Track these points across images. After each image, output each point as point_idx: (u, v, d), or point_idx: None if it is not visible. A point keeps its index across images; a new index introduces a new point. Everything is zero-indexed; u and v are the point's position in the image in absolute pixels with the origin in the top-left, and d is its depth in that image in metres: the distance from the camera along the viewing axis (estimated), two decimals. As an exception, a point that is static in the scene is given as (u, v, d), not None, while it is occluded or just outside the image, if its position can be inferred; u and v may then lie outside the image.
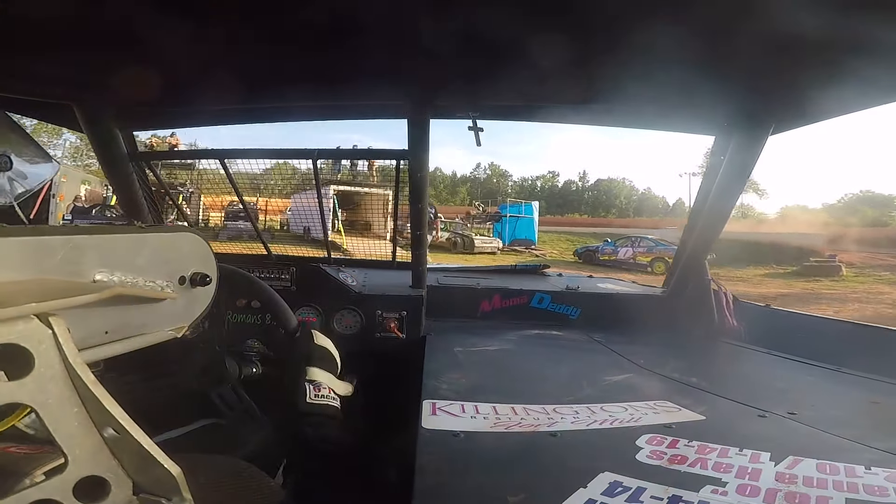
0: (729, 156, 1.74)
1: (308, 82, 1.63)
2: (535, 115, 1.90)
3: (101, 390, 0.52)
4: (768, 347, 1.80)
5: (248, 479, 0.90)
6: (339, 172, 17.52)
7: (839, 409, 1.26)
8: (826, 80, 1.34)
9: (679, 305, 2.11)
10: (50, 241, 0.63)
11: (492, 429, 1.03)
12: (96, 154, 1.93)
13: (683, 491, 0.77)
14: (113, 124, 1.86)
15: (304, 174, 2.64)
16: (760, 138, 1.64)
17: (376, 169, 18.35)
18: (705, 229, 1.92)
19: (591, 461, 0.88)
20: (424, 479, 0.82)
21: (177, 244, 0.82)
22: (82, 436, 0.52)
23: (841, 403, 1.32)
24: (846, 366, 1.57)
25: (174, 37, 1.22)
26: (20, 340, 0.50)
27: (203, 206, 14.57)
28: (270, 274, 1.92)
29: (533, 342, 1.87)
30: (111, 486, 0.52)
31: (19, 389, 0.48)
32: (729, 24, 1.12)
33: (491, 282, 2.39)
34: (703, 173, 2.02)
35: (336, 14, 1.16)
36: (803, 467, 0.86)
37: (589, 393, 1.29)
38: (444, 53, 1.34)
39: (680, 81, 1.45)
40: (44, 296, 0.54)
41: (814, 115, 1.60)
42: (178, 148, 20.77)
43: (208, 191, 2.21)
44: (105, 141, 1.88)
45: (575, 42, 1.24)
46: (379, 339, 1.87)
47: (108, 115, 1.82)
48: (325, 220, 2.34)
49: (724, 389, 1.33)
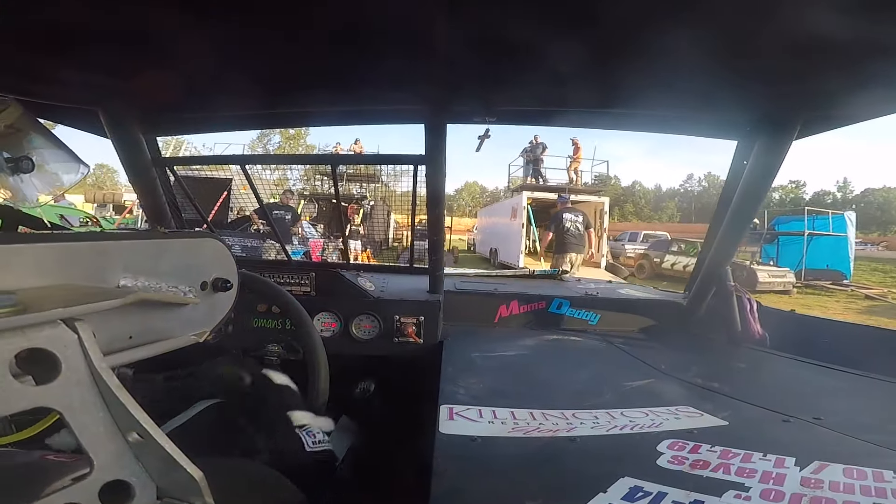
0: (752, 160, 1.71)
1: (327, 87, 1.64)
2: (553, 120, 1.89)
3: (125, 395, 0.53)
4: (793, 353, 1.76)
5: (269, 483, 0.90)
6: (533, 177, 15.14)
7: (866, 414, 1.23)
8: (853, 84, 1.32)
9: (701, 311, 2.07)
10: (75, 247, 0.64)
11: (509, 433, 1.02)
12: (120, 159, 1.96)
13: (706, 496, 0.76)
14: (137, 129, 1.90)
15: (492, 192, 2.55)
16: (785, 142, 1.61)
17: (575, 169, 17.26)
18: (728, 235, 1.89)
19: (611, 466, 0.86)
20: (441, 484, 0.82)
21: (198, 250, 0.83)
22: (107, 440, 0.52)
23: (868, 409, 1.29)
24: (874, 371, 1.53)
25: (197, 42, 1.25)
26: (47, 345, 0.51)
27: (395, 223, 14.38)
28: (291, 279, 1.94)
29: (552, 347, 1.86)
30: (136, 490, 0.53)
31: (47, 394, 0.49)
32: (752, 27, 1.10)
33: (509, 287, 2.38)
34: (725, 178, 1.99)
35: (354, 20, 1.17)
36: (829, 472, 0.84)
37: (609, 398, 1.27)
38: (462, 58, 1.34)
39: (701, 86, 1.44)
40: (70, 301, 0.55)
41: (840, 119, 1.57)
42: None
43: (399, 207, 2.08)
44: (129, 146, 1.92)
45: (593, 46, 1.23)
46: (397, 343, 1.87)
47: (133, 121, 1.86)
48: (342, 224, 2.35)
49: (748, 394, 1.31)
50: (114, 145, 1.91)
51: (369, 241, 14.20)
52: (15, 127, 1.39)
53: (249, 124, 2.10)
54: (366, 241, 13.49)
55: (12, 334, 0.48)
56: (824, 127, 1.63)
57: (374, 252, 14.05)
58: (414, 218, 2.34)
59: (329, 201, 14.92)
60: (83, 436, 0.51)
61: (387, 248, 15.65)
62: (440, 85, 1.54)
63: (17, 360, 0.48)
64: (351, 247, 12.39)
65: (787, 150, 1.62)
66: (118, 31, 1.21)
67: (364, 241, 13.23)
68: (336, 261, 6.21)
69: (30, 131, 1.44)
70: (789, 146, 1.61)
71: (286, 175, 17.08)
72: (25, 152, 1.41)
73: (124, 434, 0.53)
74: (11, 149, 1.39)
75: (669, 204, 59.06)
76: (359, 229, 12.91)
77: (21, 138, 1.41)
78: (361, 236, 12.88)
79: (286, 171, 14.15)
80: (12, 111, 1.37)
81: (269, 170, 13.45)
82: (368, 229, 14.48)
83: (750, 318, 1.91)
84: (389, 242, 16.04)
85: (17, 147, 1.40)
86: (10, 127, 1.37)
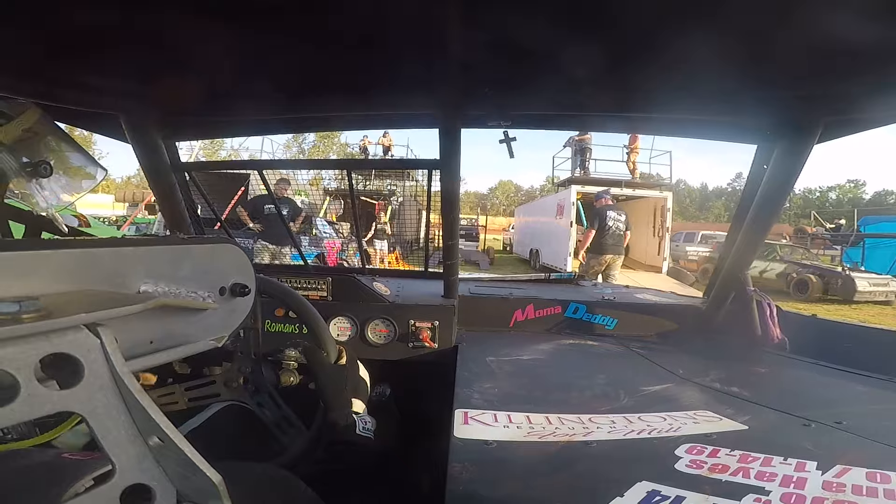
0: (773, 164, 1.69)
1: (342, 92, 1.65)
2: (570, 124, 1.89)
3: (146, 399, 0.54)
4: (813, 357, 1.74)
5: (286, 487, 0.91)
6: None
7: (889, 418, 1.21)
8: (876, 87, 1.29)
9: (720, 316, 2.05)
10: (97, 253, 0.65)
11: (525, 438, 1.02)
12: (141, 164, 1.99)
13: (725, 500, 0.75)
14: (157, 134, 1.93)
15: (527, 191, 2.53)
16: (806, 146, 1.58)
17: (633, 161, 15.20)
18: (747, 239, 1.87)
19: (629, 470, 0.86)
20: (456, 488, 0.82)
21: (217, 255, 0.84)
22: (129, 444, 0.53)
23: (891, 413, 1.27)
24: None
25: (216, 47, 1.27)
26: (71, 350, 0.51)
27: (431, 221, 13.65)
28: (308, 284, 1.96)
29: (567, 352, 1.85)
30: (156, 494, 0.53)
31: (70, 398, 0.50)
32: (772, 30, 1.08)
33: (524, 291, 2.37)
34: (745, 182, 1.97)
35: (370, 24, 1.18)
36: (852, 476, 0.83)
37: (626, 403, 1.27)
38: (476, 62, 1.34)
39: (720, 89, 1.42)
40: (93, 307, 0.55)
41: (863, 123, 1.54)
42: (391, 149, 19.55)
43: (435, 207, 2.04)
44: (149, 151, 1.95)
45: (610, 49, 1.23)
46: (412, 348, 1.88)
47: (153, 126, 1.89)
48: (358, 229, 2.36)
49: (767, 399, 1.29)
50: (134, 150, 1.94)
51: (398, 240, 13.55)
52: (33, 130, 1.40)
53: (266, 129, 2.13)
54: (393, 240, 12.88)
55: (37, 339, 0.49)
56: (847, 131, 1.60)
57: (404, 253, 13.38)
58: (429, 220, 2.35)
59: (358, 197, 14.33)
60: (105, 440, 0.51)
61: (417, 247, 14.89)
62: (455, 89, 1.54)
63: (42, 364, 0.49)
64: (377, 247, 11.78)
65: (808, 154, 1.60)
66: (139, 37, 1.23)
67: (392, 240, 12.65)
68: (353, 265, 6.10)
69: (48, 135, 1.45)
70: (810, 150, 1.59)
71: (320, 173, 16.40)
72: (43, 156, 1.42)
73: (145, 438, 0.54)
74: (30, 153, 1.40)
75: (717, 203, 56.81)
76: (385, 228, 12.30)
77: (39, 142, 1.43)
78: (388, 235, 12.36)
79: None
80: (31, 115, 1.39)
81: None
82: (398, 228, 13.80)
83: (769, 323, 1.88)
84: (420, 242, 15.30)
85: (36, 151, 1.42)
86: (28, 130, 1.39)
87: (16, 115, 1.36)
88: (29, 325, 0.48)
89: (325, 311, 1.57)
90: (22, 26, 1.14)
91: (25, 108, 1.39)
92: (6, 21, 1.10)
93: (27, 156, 1.39)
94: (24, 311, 0.49)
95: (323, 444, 1.31)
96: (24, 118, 1.37)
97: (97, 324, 0.54)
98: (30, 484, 0.64)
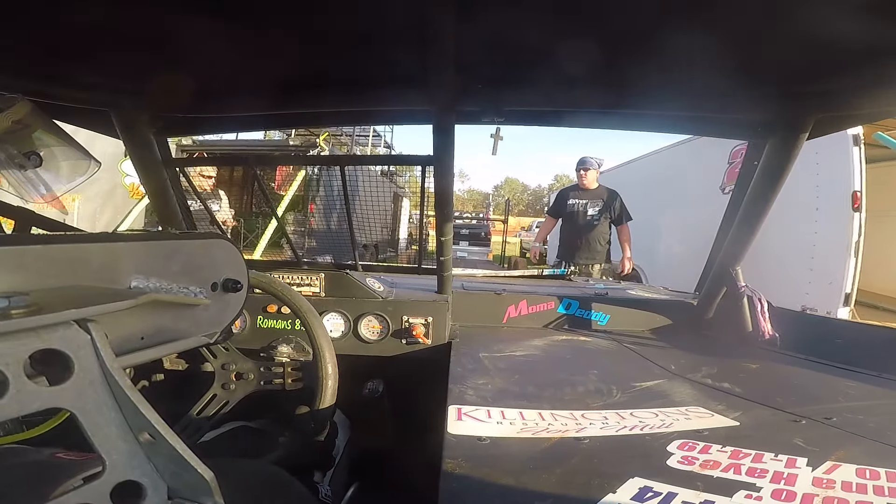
0: (763, 161, 1.69)
1: (335, 88, 1.65)
2: (563, 121, 1.88)
3: (137, 395, 0.53)
4: (804, 353, 1.75)
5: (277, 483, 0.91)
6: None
7: (880, 414, 1.22)
8: (866, 83, 1.30)
9: (711, 311, 2.06)
10: (87, 248, 0.65)
11: (518, 434, 1.02)
12: (132, 160, 1.98)
13: (716, 496, 0.75)
14: (148, 130, 1.91)
15: (534, 191, 2.50)
16: (797, 143, 1.59)
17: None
18: (738, 235, 1.88)
19: (621, 466, 0.86)
20: (449, 484, 0.82)
21: (209, 251, 0.84)
22: (119, 440, 0.53)
23: (882, 409, 1.27)
24: (887, 371, 1.51)
25: (208, 44, 1.26)
26: (61, 346, 0.51)
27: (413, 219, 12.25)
28: (301, 280, 1.95)
29: (560, 348, 1.85)
30: (147, 490, 0.53)
31: (60, 394, 0.50)
32: (764, 27, 1.09)
33: (517, 287, 2.37)
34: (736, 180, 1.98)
35: (362, 20, 1.17)
36: (842, 472, 0.83)
37: (618, 399, 1.27)
38: (470, 59, 1.34)
39: (712, 86, 1.43)
40: (83, 302, 0.55)
41: (853, 119, 1.56)
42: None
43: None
44: (141, 147, 1.93)
45: (603, 46, 1.23)
46: (405, 344, 1.88)
47: (144, 122, 1.87)
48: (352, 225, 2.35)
49: (759, 395, 1.30)
50: (125, 146, 1.93)
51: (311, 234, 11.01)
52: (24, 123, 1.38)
53: (259, 125, 2.12)
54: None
55: (27, 335, 0.48)
56: (837, 127, 1.61)
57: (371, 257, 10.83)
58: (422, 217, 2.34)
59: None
60: (95, 436, 0.51)
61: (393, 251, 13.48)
62: (448, 85, 1.53)
63: (31, 360, 0.49)
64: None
65: (798, 150, 1.61)
66: (130, 33, 1.22)
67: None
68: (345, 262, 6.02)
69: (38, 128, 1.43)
70: (801, 146, 1.60)
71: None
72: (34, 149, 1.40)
73: (136, 434, 0.54)
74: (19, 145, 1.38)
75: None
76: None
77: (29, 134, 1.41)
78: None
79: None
80: (21, 107, 1.37)
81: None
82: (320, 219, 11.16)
83: (761, 319, 1.89)
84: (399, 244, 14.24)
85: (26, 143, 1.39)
86: (17, 123, 1.36)
87: (6, 107, 1.34)
88: (18, 321, 0.48)
89: (318, 307, 1.57)
90: (13, 24, 1.13)
91: (15, 101, 1.37)
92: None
93: (17, 148, 1.37)
94: (13, 307, 0.48)
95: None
96: (14, 110, 1.35)
97: (87, 319, 0.54)
98: (21, 481, 0.64)
